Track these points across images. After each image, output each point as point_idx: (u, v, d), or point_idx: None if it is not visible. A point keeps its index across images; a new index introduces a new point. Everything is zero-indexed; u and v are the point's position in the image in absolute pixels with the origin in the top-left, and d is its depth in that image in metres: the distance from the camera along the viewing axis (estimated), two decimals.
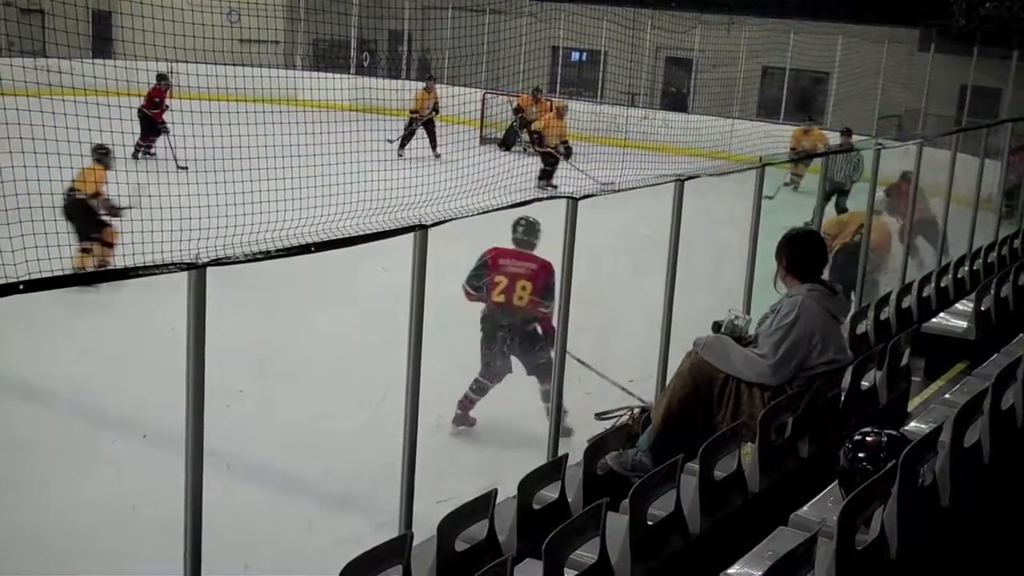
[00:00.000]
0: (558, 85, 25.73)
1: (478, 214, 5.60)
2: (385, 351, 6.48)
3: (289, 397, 7.50)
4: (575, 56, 27.25)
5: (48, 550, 5.34)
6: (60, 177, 9.28)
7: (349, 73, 25.09)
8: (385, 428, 6.06)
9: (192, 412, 3.94)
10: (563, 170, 17.88)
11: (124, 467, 6.29)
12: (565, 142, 19.06)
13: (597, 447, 5.05)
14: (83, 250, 10.61)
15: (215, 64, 20.03)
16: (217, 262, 3.93)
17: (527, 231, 7.30)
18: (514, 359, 7.29)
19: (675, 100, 25.61)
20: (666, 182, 6.49)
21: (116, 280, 3.95)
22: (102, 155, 11.52)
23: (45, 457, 6.37)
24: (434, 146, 19.99)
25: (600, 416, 5.52)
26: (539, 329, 7.23)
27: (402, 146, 19.76)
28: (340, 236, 4.62)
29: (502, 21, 24.16)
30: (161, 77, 18.82)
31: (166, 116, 18.32)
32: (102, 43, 24.44)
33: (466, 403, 7.38)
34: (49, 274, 3.89)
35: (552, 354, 6.90)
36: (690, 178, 6.72)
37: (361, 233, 4.74)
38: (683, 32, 23.60)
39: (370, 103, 19.83)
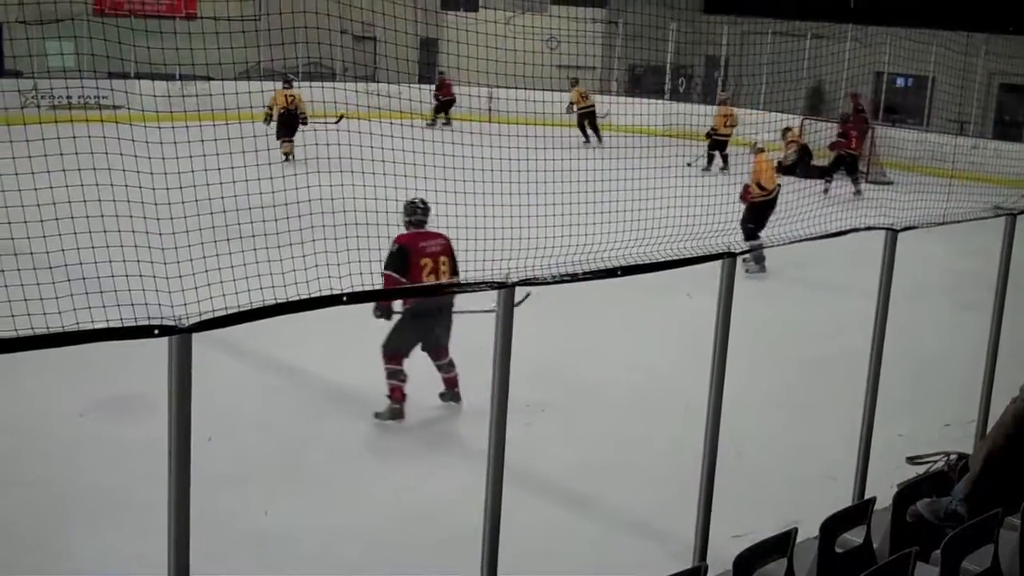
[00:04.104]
0: (880, 111, 24.77)
1: (789, 243, 5.46)
2: (686, 376, 6.42)
3: (589, 418, 7.56)
4: (899, 81, 26.16)
5: (345, 549, 5.58)
6: (385, 196, 9.77)
7: (664, 98, 25.12)
8: (683, 454, 6.00)
9: (495, 426, 4.03)
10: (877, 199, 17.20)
11: (428, 475, 6.51)
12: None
13: (908, 493, 4.78)
14: None
15: (533, 90, 20.66)
16: (525, 282, 4.01)
17: (424, 212, 7.65)
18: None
19: (1009, 129, 24.07)
20: (999, 215, 6.12)
21: (431, 296, 4.10)
22: None
23: (355, 461, 6.68)
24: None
25: (913, 460, 5.23)
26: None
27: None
28: (648, 261, 4.61)
29: (824, 46, 23.55)
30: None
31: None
32: (428, 69, 25.63)
33: (398, 394, 7.35)
34: (370, 287, 4.10)
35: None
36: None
37: (669, 259, 4.72)
38: (1020, 57, 22.18)
39: (684, 128, 19.81)
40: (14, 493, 5.91)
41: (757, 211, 12.26)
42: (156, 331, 3.26)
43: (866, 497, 4.85)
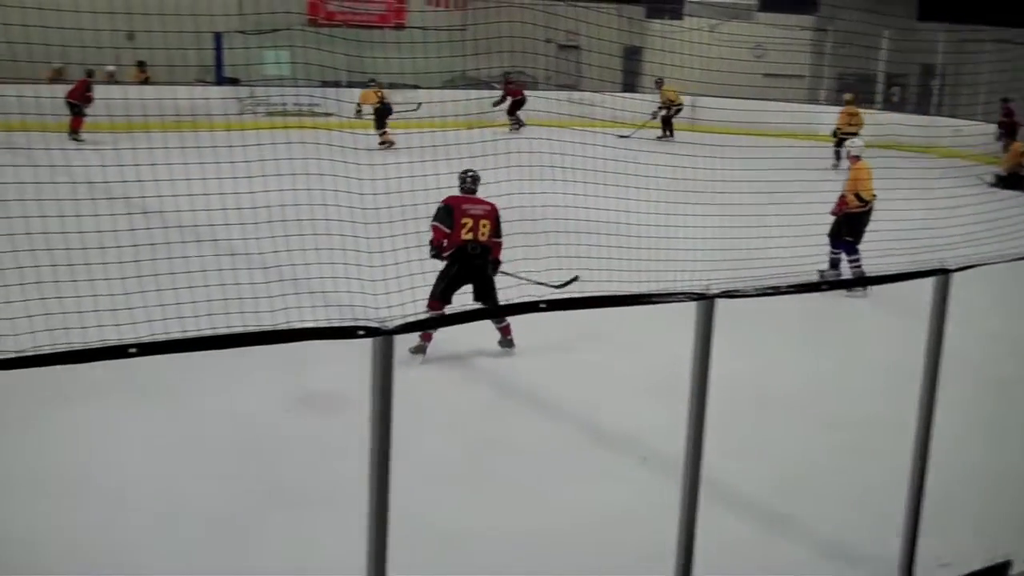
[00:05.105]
0: None
1: (1010, 260, 5.20)
2: (887, 398, 6.19)
3: (779, 432, 7.37)
4: None
5: (530, 552, 5.58)
6: (583, 204, 9.80)
7: (875, 108, 24.37)
8: (883, 475, 5.78)
9: (692, 440, 3.97)
10: None
11: (617, 484, 6.46)
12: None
13: None
14: None
15: (738, 98, 20.39)
16: (727, 294, 3.94)
17: (474, 181, 8.81)
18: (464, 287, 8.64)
19: None
20: None
21: (633, 305, 4.07)
22: None
23: (542, 465, 6.68)
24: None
25: None
26: (491, 258, 8.64)
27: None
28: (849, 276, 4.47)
29: None
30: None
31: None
32: (631, 77, 25.58)
33: (427, 337, 8.33)
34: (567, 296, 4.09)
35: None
36: None
37: (877, 274, 4.56)
38: None
39: (897, 140, 19.17)
40: (226, 485, 6.14)
41: (853, 223, 11.40)
42: (361, 332, 3.34)
43: None
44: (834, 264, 11.34)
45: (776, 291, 4.17)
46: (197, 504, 5.89)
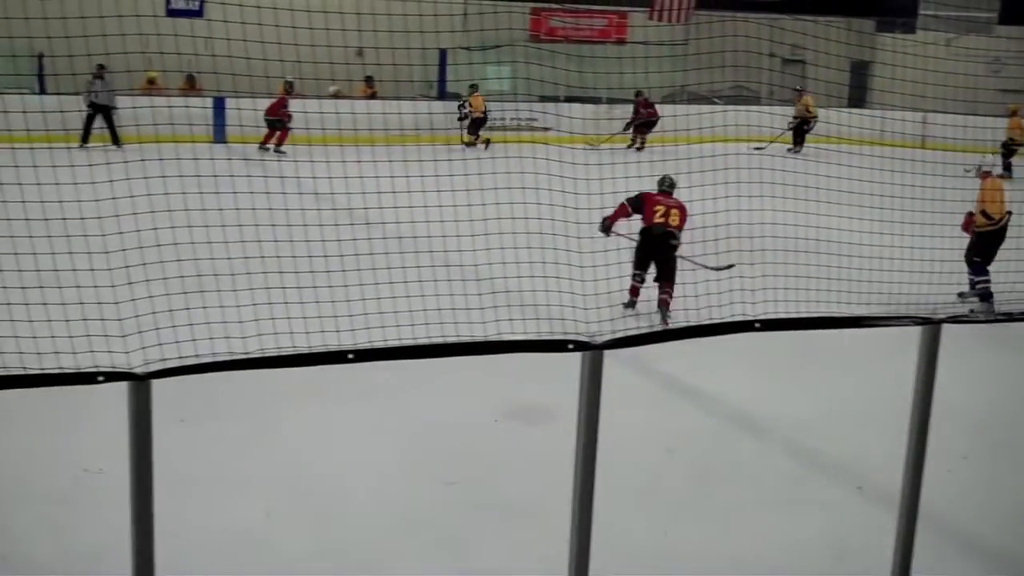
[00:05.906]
0: None
1: None
2: None
3: (1013, 468, 6.96)
4: None
5: None
6: (805, 222, 9.57)
7: None
8: None
9: (911, 471, 3.80)
10: None
11: (830, 512, 6.24)
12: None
13: None
14: None
15: (971, 115, 19.49)
16: (954, 319, 3.77)
17: (671, 185, 10.05)
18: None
19: None
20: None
21: (854, 328, 3.94)
22: None
23: (751, 489, 6.52)
24: None
25: None
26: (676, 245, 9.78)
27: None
28: None
29: None
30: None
31: None
32: (859, 92, 24.83)
33: (634, 292, 9.95)
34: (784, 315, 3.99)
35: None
36: None
37: None
38: None
39: None
40: (437, 490, 6.26)
41: (983, 242, 10.67)
42: (571, 346, 3.34)
43: None
44: (973, 286, 10.77)
45: (1010, 317, 3.97)
46: (406, 507, 6.01)
